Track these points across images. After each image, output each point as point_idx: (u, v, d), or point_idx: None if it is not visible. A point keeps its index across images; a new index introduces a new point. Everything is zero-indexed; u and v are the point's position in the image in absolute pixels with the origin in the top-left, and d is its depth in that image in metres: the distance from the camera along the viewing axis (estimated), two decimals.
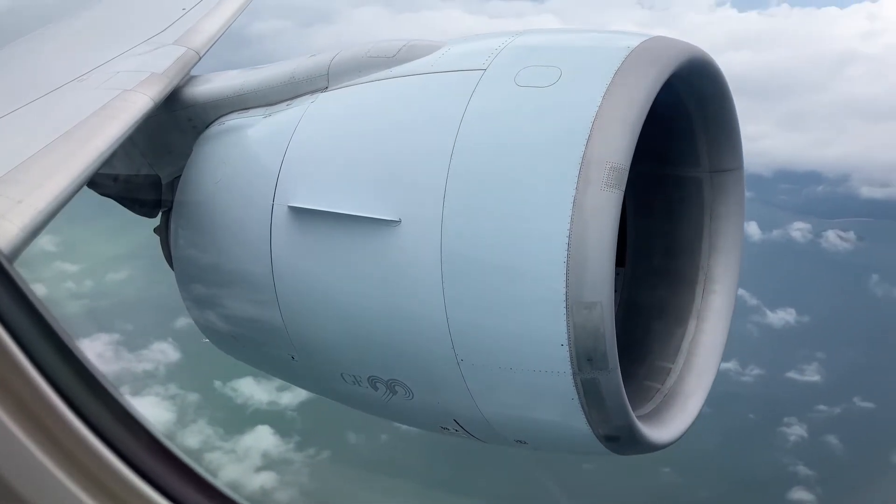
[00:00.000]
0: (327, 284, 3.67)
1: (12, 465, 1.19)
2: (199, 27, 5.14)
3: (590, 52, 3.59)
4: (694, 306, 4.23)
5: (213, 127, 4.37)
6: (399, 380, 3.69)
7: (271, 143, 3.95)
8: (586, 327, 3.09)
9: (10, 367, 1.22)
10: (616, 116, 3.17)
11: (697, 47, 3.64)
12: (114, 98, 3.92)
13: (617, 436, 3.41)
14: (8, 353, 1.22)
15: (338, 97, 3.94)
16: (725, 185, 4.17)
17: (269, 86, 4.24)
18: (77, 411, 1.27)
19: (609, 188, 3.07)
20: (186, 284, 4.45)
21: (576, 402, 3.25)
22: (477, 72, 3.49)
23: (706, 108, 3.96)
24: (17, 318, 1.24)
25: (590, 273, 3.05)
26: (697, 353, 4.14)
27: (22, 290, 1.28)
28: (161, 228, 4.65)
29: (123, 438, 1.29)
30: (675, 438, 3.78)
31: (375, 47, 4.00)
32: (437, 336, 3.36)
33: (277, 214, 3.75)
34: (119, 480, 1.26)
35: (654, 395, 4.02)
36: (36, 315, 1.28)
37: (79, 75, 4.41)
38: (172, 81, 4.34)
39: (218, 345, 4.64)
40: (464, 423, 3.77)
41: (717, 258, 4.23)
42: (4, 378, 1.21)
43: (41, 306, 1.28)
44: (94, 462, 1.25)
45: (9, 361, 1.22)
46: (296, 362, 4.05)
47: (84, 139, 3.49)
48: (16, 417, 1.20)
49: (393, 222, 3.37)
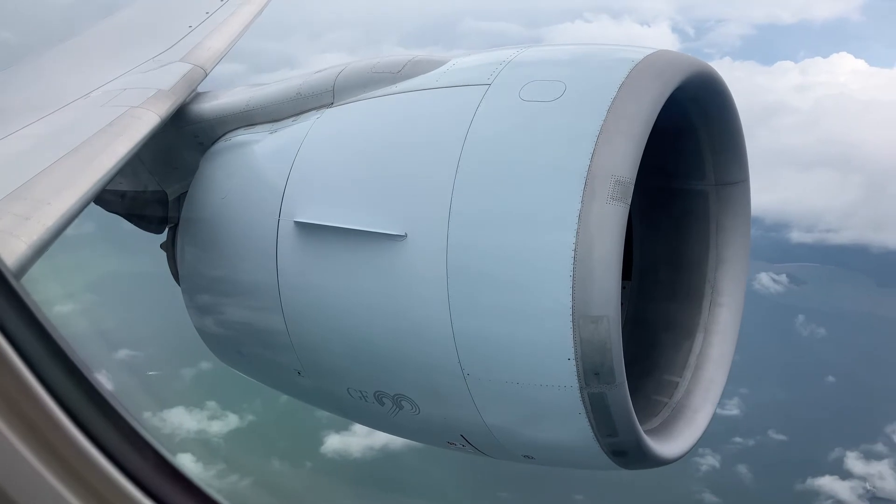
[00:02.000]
0: (333, 299, 3.66)
1: (4, 470, 1.19)
2: (205, 44, 5.18)
3: (594, 67, 3.60)
4: (701, 319, 4.21)
5: (220, 143, 4.39)
6: (405, 394, 3.68)
7: (277, 158, 3.97)
8: (593, 341, 3.07)
9: (15, 384, 1.22)
10: (621, 130, 3.17)
11: (702, 61, 3.64)
12: (121, 115, 3.95)
13: (624, 450, 3.39)
14: (14, 370, 1.22)
15: (343, 113, 3.95)
16: (731, 197, 4.16)
17: (275, 102, 4.26)
18: (86, 432, 1.27)
19: (614, 201, 3.07)
20: (193, 300, 4.45)
21: (583, 416, 3.23)
22: (482, 87, 3.50)
23: (711, 121, 3.96)
24: (23, 335, 1.24)
25: (596, 287, 3.04)
26: (705, 367, 4.11)
27: (28, 307, 1.29)
28: (167, 244, 4.67)
29: (120, 446, 1.29)
30: (683, 453, 3.75)
31: (381, 63, 4.01)
32: (444, 350, 3.35)
33: (283, 229, 3.76)
34: (111, 484, 1.26)
35: (662, 410, 3.99)
36: (42, 331, 1.28)
37: (86, 93, 4.45)
38: (179, 98, 4.37)
39: (224, 360, 4.63)
40: (470, 437, 3.75)
41: (723, 271, 4.21)
42: (9, 395, 1.22)
43: (47, 323, 1.28)
44: (87, 467, 1.25)
45: (14, 378, 1.22)
46: (302, 377, 4.04)
47: (91, 156, 3.51)
48: (21, 435, 1.20)
49: (398, 237, 3.37)
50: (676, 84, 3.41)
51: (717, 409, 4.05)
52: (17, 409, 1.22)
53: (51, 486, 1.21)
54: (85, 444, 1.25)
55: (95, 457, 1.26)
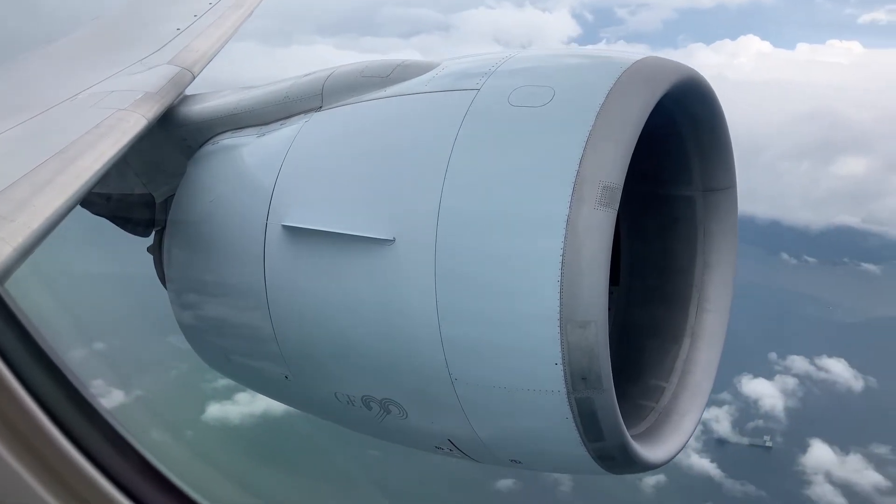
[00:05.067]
0: (321, 303, 3.65)
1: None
2: (193, 46, 5.16)
3: (583, 72, 3.61)
4: (688, 325, 4.23)
5: (207, 146, 4.37)
6: (393, 399, 3.67)
7: (265, 162, 3.96)
8: (580, 346, 3.08)
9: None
10: (609, 136, 3.18)
11: (690, 67, 3.66)
12: (108, 117, 3.92)
13: (611, 455, 3.39)
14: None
15: (332, 117, 3.95)
16: (718, 203, 4.18)
17: (264, 105, 4.25)
18: (67, 433, 1.25)
19: (602, 207, 3.08)
20: (180, 303, 4.43)
21: (570, 421, 3.23)
22: (471, 92, 3.51)
23: (699, 127, 3.98)
24: (5, 337, 1.23)
25: (584, 292, 3.05)
26: (692, 372, 4.13)
27: (11, 310, 1.27)
28: (154, 247, 4.64)
29: (104, 451, 1.28)
30: (669, 457, 3.76)
31: (369, 67, 4.01)
32: (431, 355, 3.34)
33: (271, 233, 3.74)
34: (90, 484, 1.25)
35: (649, 414, 4.00)
36: (24, 334, 1.27)
37: (72, 94, 4.41)
38: (166, 101, 4.35)
39: (211, 364, 4.60)
40: (458, 442, 3.74)
41: (710, 276, 4.24)
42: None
43: (30, 325, 1.27)
44: (67, 467, 1.24)
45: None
46: (289, 382, 4.03)
47: (77, 158, 3.48)
48: (2, 437, 1.19)
49: (387, 241, 3.37)
50: (664, 90, 3.43)
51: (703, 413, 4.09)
52: (2, 411, 1.20)
53: (28, 486, 1.19)
54: (66, 445, 1.24)
55: (75, 457, 1.24)
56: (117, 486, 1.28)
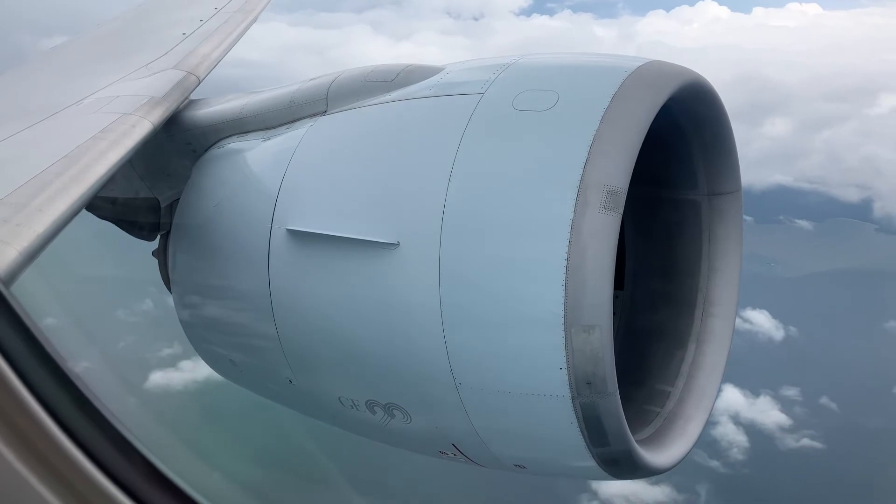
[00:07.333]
0: (325, 307, 3.65)
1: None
2: (198, 51, 5.17)
3: (587, 77, 3.61)
4: (693, 329, 4.21)
5: (213, 150, 4.38)
6: (397, 403, 3.67)
7: (270, 166, 3.96)
8: (585, 351, 3.07)
9: (3, 389, 1.21)
10: (613, 140, 3.18)
11: (694, 72, 3.66)
12: (113, 122, 3.93)
13: (616, 460, 3.38)
14: (2, 376, 1.21)
15: (336, 121, 3.95)
16: (723, 207, 4.17)
17: (269, 109, 4.26)
18: (71, 436, 1.25)
19: (607, 211, 3.08)
20: (184, 307, 4.43)
21: (574, 426, 3.22)
22: (475, 96, 3.51)
23: (703, 131, 3.98)
24: (12, 341, 1.23)
25: (588, 296, 3.04)
26: (697, 377, 4.11)
27: (17, 314, 1.28)
28: (159, 251, 4.65)
29: (104, 449, 1.28)
30: (675, 462, 3.74)
31: (374, 71, 4.02)
32: (436, 359, 3.34)
33: (276, 237, 3.75)
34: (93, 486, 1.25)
35: (654, 419, 3.99)
36: (30, 338, 1.27)
37: (78, 99, 4.43)
38: (172, 105, 4.36)
39: (215, 368, 4.61)
40: (462, 447, 3.74)
41: (715, 280, 4.22)
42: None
43: (36, 329, 1.27)
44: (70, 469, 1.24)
45: (2, 383, 1.21)
46: (293, 386, 4.02)
47: (83, 163, 3.49)
48: (7, 441, 1.19)
49: (391, 245, 3.37)
50: (669, 94, 3.42)
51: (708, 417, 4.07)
52: (4, 413, 1.20)
53: (32, 488, 1.19)
54: (69, 447, 1.24)
55: (79, 458, 1.25)
56: (122, 489, 1.28)
